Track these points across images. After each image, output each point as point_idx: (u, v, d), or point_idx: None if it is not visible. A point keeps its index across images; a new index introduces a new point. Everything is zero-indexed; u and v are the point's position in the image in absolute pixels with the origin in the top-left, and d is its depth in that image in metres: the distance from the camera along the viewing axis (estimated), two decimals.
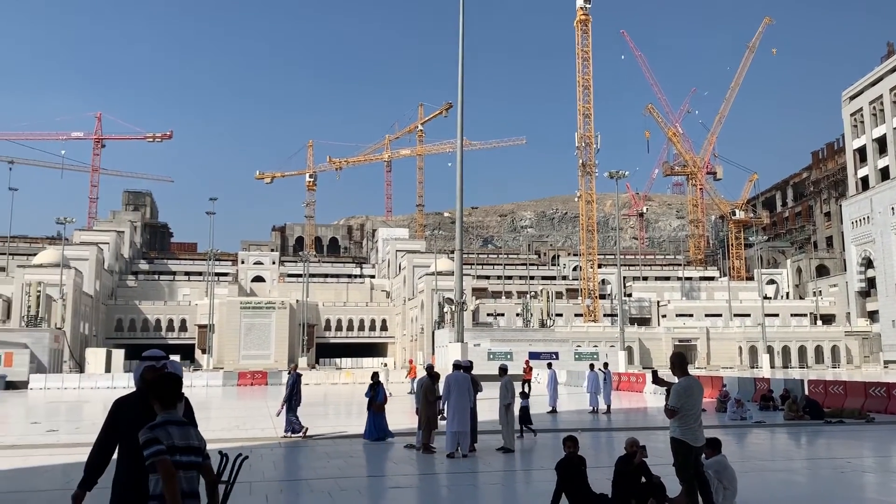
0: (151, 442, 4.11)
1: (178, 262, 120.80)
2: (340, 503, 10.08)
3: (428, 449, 15.02)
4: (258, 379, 51.90)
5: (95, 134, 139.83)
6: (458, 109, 32.95)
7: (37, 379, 50.22)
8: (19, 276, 77.06)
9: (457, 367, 15.20)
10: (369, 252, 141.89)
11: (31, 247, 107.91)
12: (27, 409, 30.19)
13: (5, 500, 10.38)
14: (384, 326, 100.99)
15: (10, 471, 12.77)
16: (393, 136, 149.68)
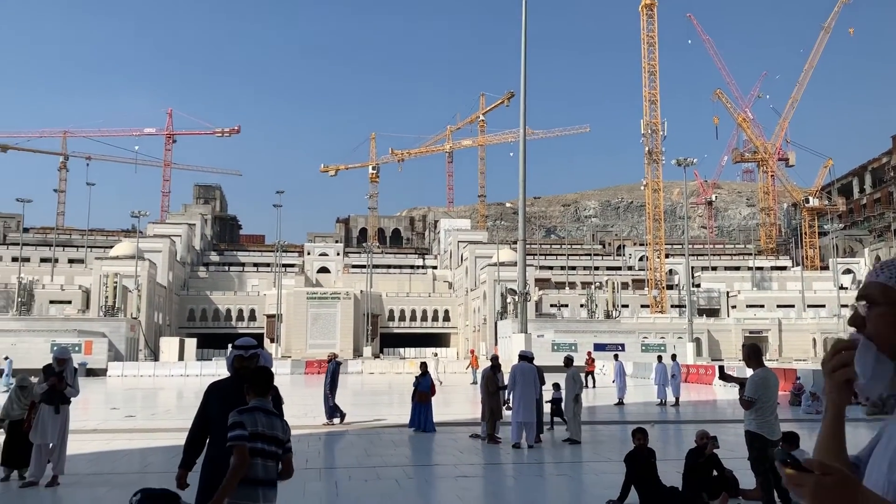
0: (236, 425, 4.23)
1: (247, 254, 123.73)
2: (408, 490, 10.16)
3: (493, 439, 15.01)
4: (325, 368, 52.78)
5: (167, 130, 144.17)
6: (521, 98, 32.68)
7: (115, 366, 52.33)
8: (97, 268, 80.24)
9: (523, 357, 15.13)
10: (431, 243, 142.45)
11: (107, 239, 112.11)
12: (106, 396, 31.44)
13: (90, 480, 10.82)
14: (447, 317, 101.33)
15: (93, 453, 13.31)
16: (454, 126, 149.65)
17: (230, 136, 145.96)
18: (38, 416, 10.07)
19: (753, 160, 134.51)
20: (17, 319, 64.27)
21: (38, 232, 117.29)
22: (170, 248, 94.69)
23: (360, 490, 10.42)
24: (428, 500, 9.81)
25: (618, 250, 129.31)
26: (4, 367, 35.82)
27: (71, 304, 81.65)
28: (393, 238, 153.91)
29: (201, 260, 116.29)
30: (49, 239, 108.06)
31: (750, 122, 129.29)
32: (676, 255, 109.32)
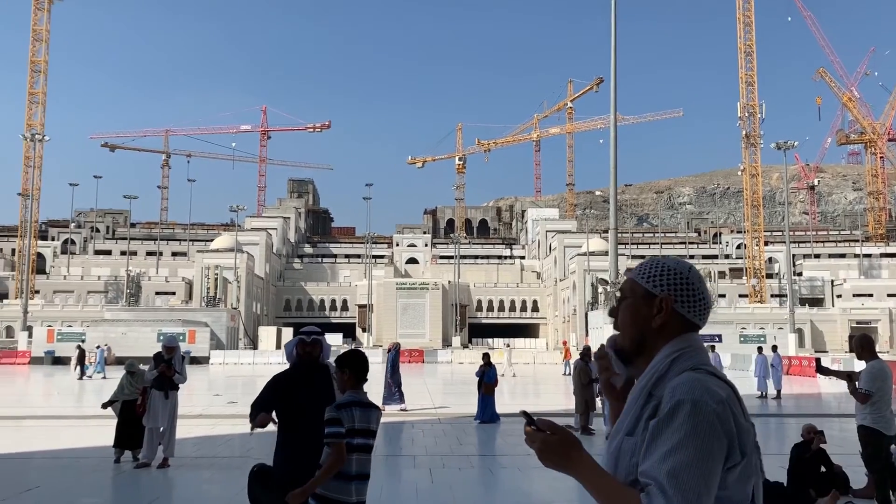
0: (334, 422, 4.23)
1: (339, 246, 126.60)
2: (502, 479, 10.17)
3: (587, 431, 14.87)
4: (415, 357, 53.55)
5: (262, 126, 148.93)
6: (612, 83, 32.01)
7: (216, 355, 54.63)
8: (199, 261, 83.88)
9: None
10: (519, 233, 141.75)
11: (207, 233, 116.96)
12: (209, 383, 32.86)
13: (197, 463, 11.35)
14: (535, 307, 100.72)
15: (199, 437, 13.94)
16: (541, 114, 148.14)
17: (321, 131, 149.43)
18: (150, 401, 10.63)
19: (860, 141, 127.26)
20: (127, 310, 68.01)
21: (143, 227, 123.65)
22: (266, 240, 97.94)
23: (453, 478, 10.50)
24: (521, 489, 9.79)
25: (714, 238, 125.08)
26: (97, 356, 37.90)
27: (175, 295, 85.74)
28: (480, 228, 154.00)
29: (296, 252, 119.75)
30: (154, 233, 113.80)
31: (856, 101, 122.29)
32: (776, 242, 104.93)
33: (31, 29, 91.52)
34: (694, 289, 1.98)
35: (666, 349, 1.94)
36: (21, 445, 13.78)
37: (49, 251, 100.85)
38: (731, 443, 1.74)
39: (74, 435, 15.10)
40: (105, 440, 11.52)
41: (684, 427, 1.71)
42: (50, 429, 16.61)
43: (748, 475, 1.78)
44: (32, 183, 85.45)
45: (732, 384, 1.87)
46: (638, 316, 2.00)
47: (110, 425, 11.69)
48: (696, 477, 1.66)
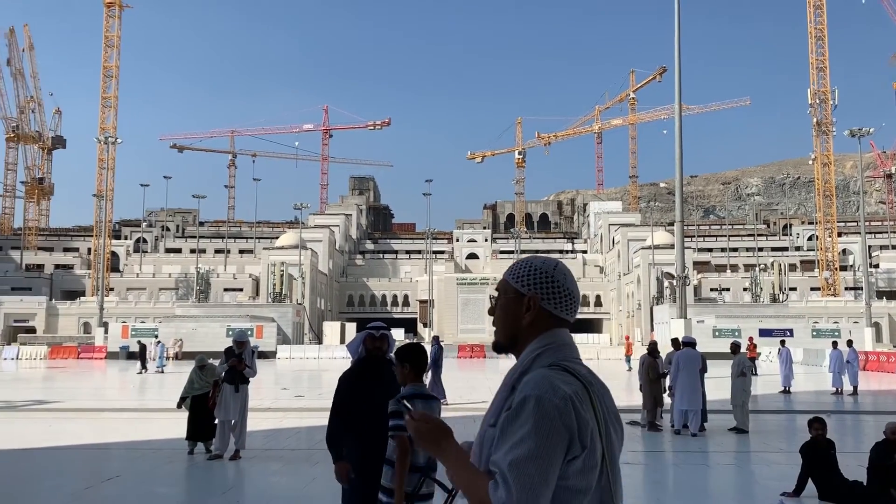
0: (397, 414, 4.23)
1: (400, 242, 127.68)
2: None
3: (654, 427, 14.62)
4: (476, 352, 53.54)
5: (323, 125, 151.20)
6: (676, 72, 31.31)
7: (283, 349, 55.75)
8: (265, 258, 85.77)
9: (686, 343, 14.61)
10: (580, 227, 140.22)
11: (273, 231, 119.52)
12: (276, 377, 33.57)
13: (267, 455, 11.60)
14: (598, 302, 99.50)
15: (268, 430, 14.26)
16: (603, 106, 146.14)
17: (381, 128, 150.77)
18: (221, 394, 10.92)
19: None
20: (197, 306, 70.00)
21: (211, 225, 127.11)
22: (329, 237, 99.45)
23: None
24: None
25: (784, 230, 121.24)
26: (157, 350, 39.07)
27: (242, 292, 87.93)
28: (540, 223, 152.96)
29: (358, 248, 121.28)
30: (222, 232, 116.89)
31: None
32: (850, 233, 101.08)
33: (103, 35, 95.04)
34: (560, 286, 2.12)
35: (531, 345, 2.08)
36: (100, 437, 14.33)
37: (122, 250, 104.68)
38: (571, 436, 1.86)
39: (148, 427, 15.63)
40: (177, 432, 11.89)
41: (529, 421, 1.84)
42: (125, 421, 17.25)
43: (591, 466, 1.89)
44: (106, 184, 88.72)
45: (588, 380, 1.98)
46: (510, 314, 2.14)
47: (181, 418, 12.05)
48: (535, 468, 1.80)
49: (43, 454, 11.89)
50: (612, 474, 1.96)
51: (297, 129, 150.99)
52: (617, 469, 1.99)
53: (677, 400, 13.97)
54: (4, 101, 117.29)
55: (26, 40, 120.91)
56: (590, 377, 2.01)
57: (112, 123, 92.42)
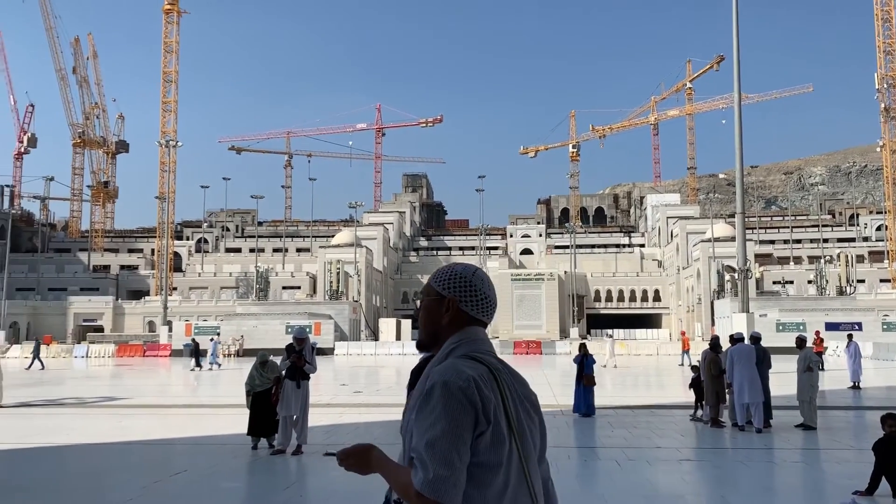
0: None
1: (453, 238, 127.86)
2: (629, 472, 9.92)
3: (716, 423, 14.33)
4: (532, 348, 53.31)
5: (376, 124, 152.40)
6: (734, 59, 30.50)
7: (340, 346, 56.50)
8: (321, 256, 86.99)
9: (738, 339, 14.29)
10: (637, 220, 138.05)
11: (328, 229, 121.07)
12: (335, 373, 34.01)
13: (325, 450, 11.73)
14: (657, 297, 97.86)
15: (329, 426, 14.44)
16: (659, 97, 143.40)
17: (433, 125, 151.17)
18: (283, 390, 11.11)
19: None
20: (257, 304, 71.44)
21: (269, 225, 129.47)
22: (383, 235, 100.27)
23: (579, 469, 10.36)
24: (650, 482, 9.52)
25: (850, 220, 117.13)
26: (210, 347, 39.93)
27: (300, 289, 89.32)
28: (596, 217, 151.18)
29: (411, 245, 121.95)
30: (279, 231, 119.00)
31: None
32: None
33: (162, 42, 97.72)
34: (477, 290, 2.38)
35: (448, 341, 2.32)
36: (166, 432, 14.74)
37: (184, 250, 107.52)
38: (476, 411, 2.07)
39: (211, 423, 16.00)
40: (239, 428, 12.12)
41: (438, 405, 2.06)
42: (189, 416, 17.69)
43: (499, 440, 2.10)
44: (168, 186, 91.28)
45: (497, 367, 2.22)
46: (431, 314, 2.38)
47: (243, 414, 12.28)
48: (448, 444, 2.01)
49: (113, 449, 12.29)
50: (524, 453, 2.15)
51: (351, 128, 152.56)
52: (529, 450, 2.19)
53: (737, 394, 13.70)
54: (71, 109, 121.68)
55: (90, 49, 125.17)
56: (499, 365, 2.26)
57: (172, 127, 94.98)
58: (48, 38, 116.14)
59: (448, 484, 2.00)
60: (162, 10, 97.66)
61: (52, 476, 10.15)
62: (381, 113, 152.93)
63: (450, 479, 2.00)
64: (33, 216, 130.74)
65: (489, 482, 2.07)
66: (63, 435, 14.02)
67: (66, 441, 13.24)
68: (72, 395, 22.98)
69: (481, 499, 2.06)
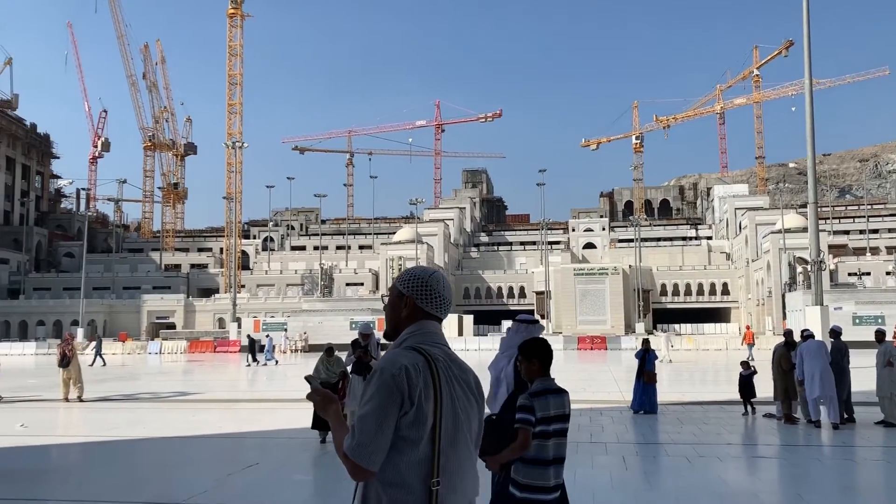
0: (525, 409, 4.33)
1: (514, 233, 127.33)
2: (699, 469, 9.70)
3: (789, 419, 13.90)
4: (597, 344, 52.66)
5: (436, 120, 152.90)
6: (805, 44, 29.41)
7: None
8: (383, 253, 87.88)
9: (809, 336, 13.82)
10: (704, 212, 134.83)
11: (390, 226, 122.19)
12: None
13: None
14: (725, 290, 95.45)
15: None
16: (724, 85, 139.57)
17: (493, 120, 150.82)
18: (350, 385, 11.25)
19: None
20: (322, 300, 72.67)
21: (333, 223, 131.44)
22: (444, 231, 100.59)
23: (648, 465, 10.18)
24: (722, 479, 9.28)
25: None
26: (266, 343, 40.71)
27: (363, 286, 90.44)
28: (661, 209, 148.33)
29: (472, 241, 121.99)
30: (342, 228, 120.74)
31: None
32: None
33: (227, 45, 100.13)
34: (432, 290, 2.79)
35: (404, 332, 2.75)
36: (237, 426, 15.12)
37: (252, 249, 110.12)
38: (403, 396, 2.50)
39: (279, 417, 16.34)
40: (306, 422, 12.30)
41: (374, 386, 2.53)
42: (258, 411, 18.12)
43: (421, 421, 2.51)
44: (235, 187, 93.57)
45: (435, 356, 2.62)
46: (394, 309, 2.82)
47: (308, 408, 12.42)
48: (374, 420, 2.47)
49: (187, 442, 12.67)
50: (452, 433, 2.58)
51: (411, 125, 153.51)
52: (460, 429, 2.61)
53: (808, 389, 13.25)
54: (141, 113, 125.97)
55: (158, 54, 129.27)
56: (440, 355, 2.66)
57: (238, 129, 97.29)
58: (119, 45, 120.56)
59: (367, 451, 2.47)
60: (226, 14, 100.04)
61: (129, 468, 10.53)
62: (440, 109, 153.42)
63: (369, 447, 2.47)
64: (108, 218, 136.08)
65: (408, 451, 2.51)
66: (140, 428, 14.53)
67: (142, 434, 13.72)
68: (147, 390, 23.80)
69: (402, 463, 2.51)
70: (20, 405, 19.00)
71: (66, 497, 8.58)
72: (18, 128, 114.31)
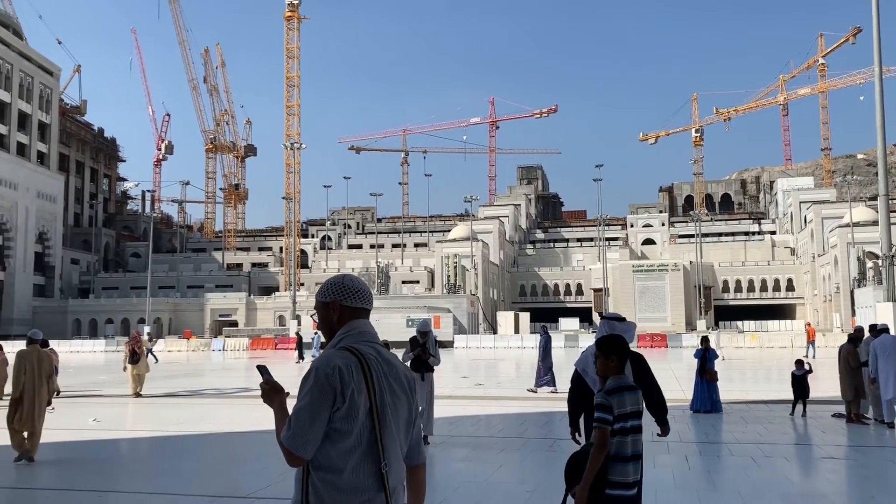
0: (603, 408, 4.35)
1: (570, 230, 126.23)
2: (766, 469, 9.45)
3: (860, 419, 13.42)
4: (657, 341, 51.80)
5: (490, 117, 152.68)
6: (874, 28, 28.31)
7: (459, 339, 57.08)
8: (438, 250, 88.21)
9: (882, 330, 13.29)
10: (767, 206, 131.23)
11: (445, 224, 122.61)
12: (454, 365, 34.37)
13: (452, 442, 11.88)
14: (790, 286, 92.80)
15: (451, 417, 14.60)
16: (788, 75, 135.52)
17: (548, 116, 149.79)
18: None
19: None
20: (378, 298, 73.29)
21: (388, 221, 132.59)
22: (499, 228, 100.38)
23: (711, 465, 9.98)
24: (789, 479, 9.03)
25: None
26: (314, 341, 41.18)
27: (419, 284, 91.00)
28: (722, 204, 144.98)
29: (527, 238, 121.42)
30: (398, 227, 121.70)
31: None
32: None
33: (284, 48, 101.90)
34: (348, 287, 3.06)
35: (337, 335, 3.01)
36: None
37: (310, 247, 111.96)
38: (335, 393, 2.78)
39: None
40: None
41: (309, 383, 2.81)
42: None
43: (352, 415, 2.79)
44: (293, 187, 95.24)
45: (367, 355, 2.89)
46: (325, 319, 3.07)
47: None
48: (307, 414, 2.77)
49: (251, 437, 12.97)
50: (381, 423, 2.84)
51: (465, 123, 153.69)
52: (388, 420, 2.86)
53: (882, 389, 12.73)
54: (203, 116, 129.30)
55: (219, 58, 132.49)
56: (371, 353, 2.93)
57: (296, 130, 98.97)
58: (181, 50, 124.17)
59: (301, 441, 2.76)
60: (283, 17, 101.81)
61: (196, 462, 10.84)
62: (494, 106, 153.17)
63: (301, 437, 2.76)
64: (172, 219, 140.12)
65: (340, 441, 2.80)
66: (206, 423, 14.93)
67: (208, 429, 14.10)
68: (211, 386, 24.42)
69: (334, 452, 2.79)
70: (92, 400, 19.74)
71: (138, 489, 8.87)
72: (87, 133, 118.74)
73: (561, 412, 15.48)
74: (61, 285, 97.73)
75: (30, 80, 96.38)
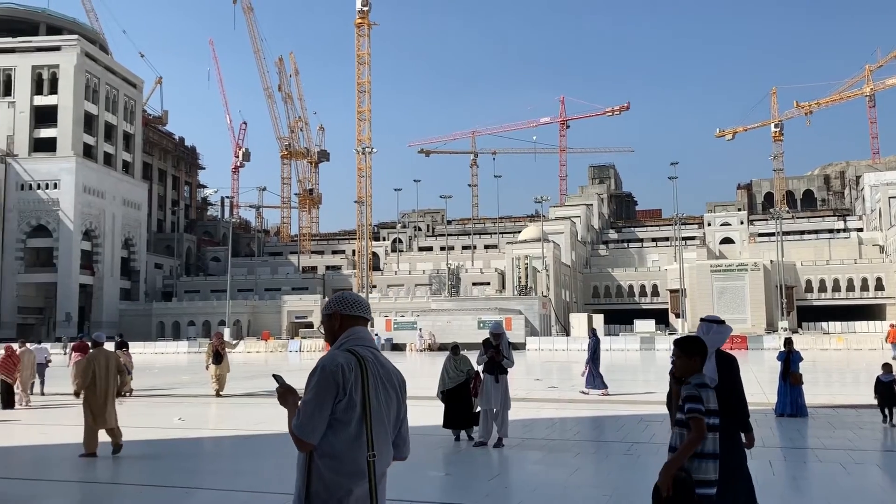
0: (694, 399, 4.34)
1: (644, 229, 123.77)
2: (856, 476, 9.05)
3: None
4: (737, 343, 50.26)
5: (560, 117, 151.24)
6: None
7: (532, 341, 56.71)
8: (509, 252, 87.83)
9: None
10: (853, 202, 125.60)
11: (515, 225, 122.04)
12: (527, 367, 34.19)
13: (529, 444, 11.84)
14: (879, 286, 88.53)
15: (526, 420, 14.53)
16: (874, 65, 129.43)
17: (620, 113, 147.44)
18: (483, 384, 11.34)
19: None
20: (449, 300, 73.61)
21: (458, 223, 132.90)
22: (570, 228, 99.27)
23: (796, 471, 9.64)
24: (881, 486, 8.62)
25: None
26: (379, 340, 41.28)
27: (489, 285, 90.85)
28: (804, 200, 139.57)
29: (600, 238, 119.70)
30: (468, 229, 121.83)
31: None
32: None
33: (355, 54, 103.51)
34: (347, 299, 3.58)
35: (339, 339, 3.49)
36: None
37: (381, 250, 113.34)
38: (338, 387, 3.25)
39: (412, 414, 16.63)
40: (436, 420, 12.39)
41: (315, 378, 3.29)
42: None
43: (351, 406, 3.25)
44: (365, 191, 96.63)
45: (365, 357, 3.37)
46: (328, 329, 3.59)
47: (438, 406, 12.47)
48: (314, 405, 3.24)
49: None
50: (372, 415, 3.29)
51: (535, 123, 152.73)
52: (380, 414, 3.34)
53: None
54: (278, 123, 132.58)
55: (292, 67, 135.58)
56: (369, 356, 3.40)
57: (367, 135, 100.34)
58: (256, 59, 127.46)
59: (307, 429, 3.23)
60: (354, 24, 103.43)
61: (276, 461, 11.11)
62: (564, 105, 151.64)
63: (308, 426, 3.22)
64: (250, 224, 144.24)
65: (341, 430, 3.25)
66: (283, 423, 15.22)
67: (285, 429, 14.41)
68: None
69: (336, 439, 3.24)
70: (176, 399, 20.50)
71: (221, 487, 9.16)
72: (168, 142, 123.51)
73: (636, 416, 15.21)
74: (146, 289, 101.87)
75: (115, 92, 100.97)
